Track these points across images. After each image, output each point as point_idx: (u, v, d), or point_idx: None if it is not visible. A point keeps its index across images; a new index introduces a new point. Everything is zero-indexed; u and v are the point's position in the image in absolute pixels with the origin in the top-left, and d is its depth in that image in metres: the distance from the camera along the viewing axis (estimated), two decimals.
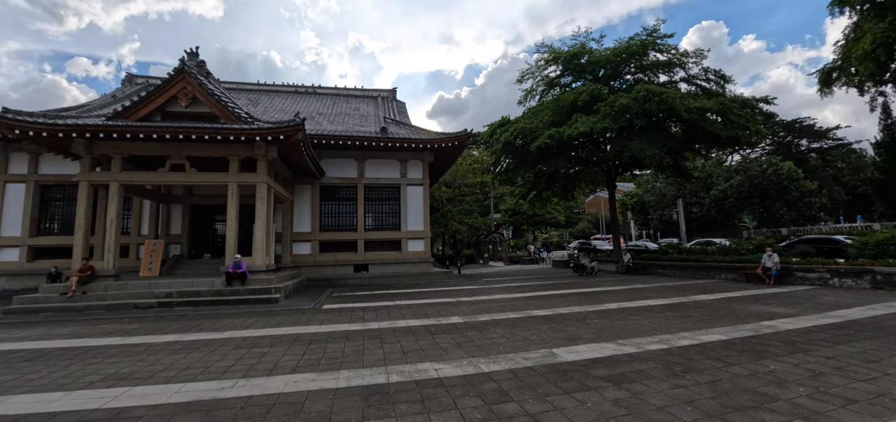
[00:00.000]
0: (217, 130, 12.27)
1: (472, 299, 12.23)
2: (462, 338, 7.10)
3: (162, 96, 14.11)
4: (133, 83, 23.76)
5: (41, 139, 12.18)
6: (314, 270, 18.50)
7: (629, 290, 13.78)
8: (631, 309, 9.90)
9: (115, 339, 7.65)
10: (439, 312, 9.99)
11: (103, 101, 20.56)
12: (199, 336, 7.64)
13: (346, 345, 6.69)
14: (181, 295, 12.14)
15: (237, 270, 12.68)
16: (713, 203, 37.47)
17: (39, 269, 17.07)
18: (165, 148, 13.09)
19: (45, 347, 7.16)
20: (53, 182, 17.99)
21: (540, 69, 24.36)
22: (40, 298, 12.03)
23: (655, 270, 20.21)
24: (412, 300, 12.22)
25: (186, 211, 18.36)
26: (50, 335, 8.24)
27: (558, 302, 11.19)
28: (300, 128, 12.79)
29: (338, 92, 27.43)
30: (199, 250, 18.59)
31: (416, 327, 8.19)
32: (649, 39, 20.59)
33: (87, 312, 11.35)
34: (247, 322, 9.04)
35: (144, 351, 6.59)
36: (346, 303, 11.97)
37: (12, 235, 17.26)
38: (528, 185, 26.40)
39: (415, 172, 20.70)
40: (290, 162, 16.01)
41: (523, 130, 19.05)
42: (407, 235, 19.91)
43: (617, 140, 17.67)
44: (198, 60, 14.84)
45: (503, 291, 14.15)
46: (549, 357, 5.83)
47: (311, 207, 19.14)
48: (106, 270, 12.81)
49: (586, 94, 18.38)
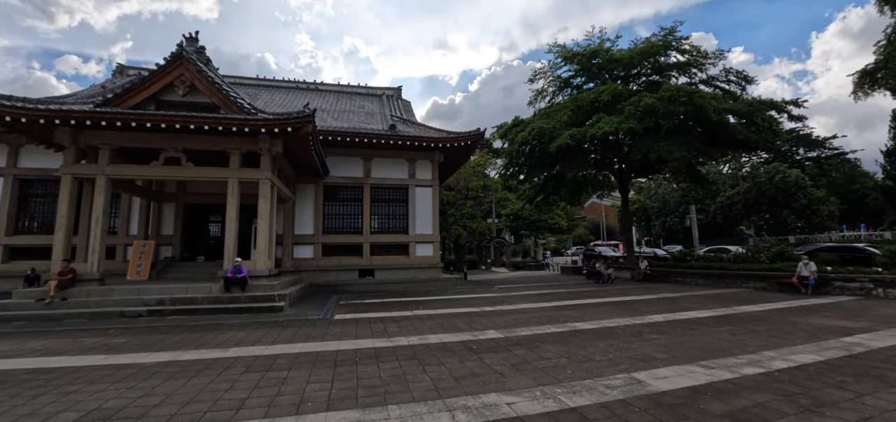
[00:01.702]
0: (219, 120, 11.09)
1: (498, 309, 11.16)
2: (514, 358, 6.03)
3: (157, 83, 12.88)
4: (124, 75, 22.35)
5: (20, 126, 10.90)
6: (317, 275, 17.27)
7: (661, 299, 12.83)
8: (682, 322, 8.93)
9: (97, 357, 6.43)
10: (469, 324, 8.90)
11: (92, 92, 19.18)
12: (200, 354, 6.45)
13: (381, 368, 5.57)
14: (174, 302, 10.87)
15: (237, 275, 11.46)
16: (719, 210, 36.93)
17: (15, 271, 15.58)
18: (160, 139, 11.85)
19: (10, 367, 5.93)
20: (34, 176, 16.56)
21: (553, 69, 23.62)
22: (13, 304, 10.69)
23: (675, 277, 19.33)
24: (432, 310, 11.10)
25: (179, 210, 17.05)
26: (19, 351, 6.98)
27: (596, 313, 10.16)
28: (310, 119, 11.66)
29: (341, 89, 26.28)
30: (193, 252, 17.27)
31: (452, 343, 7.09)
32: (670, 39, 19.91)
33: (67, 320, 10.05)
34: (253, 336, 7.85)
35: (134, 375, 5.40)
36: (359, 312, 10.82)
37: None
38: (536, 188, 25.55)
39: (424, 173, 19.60)
40: (294, 158, 14.85)
41: (541, 130, 18.08)
42: (415, 239, 18.79)
43: (641, 141, 16.80)
44: (197, 46, 13.65)
45: (526, 300, 13.10)
46: (636, 385, 4.80)
47: (313, 208, 17.94)
48: (89, 273, 11.49)
49: (608, 94, 17.52)
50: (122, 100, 12.49)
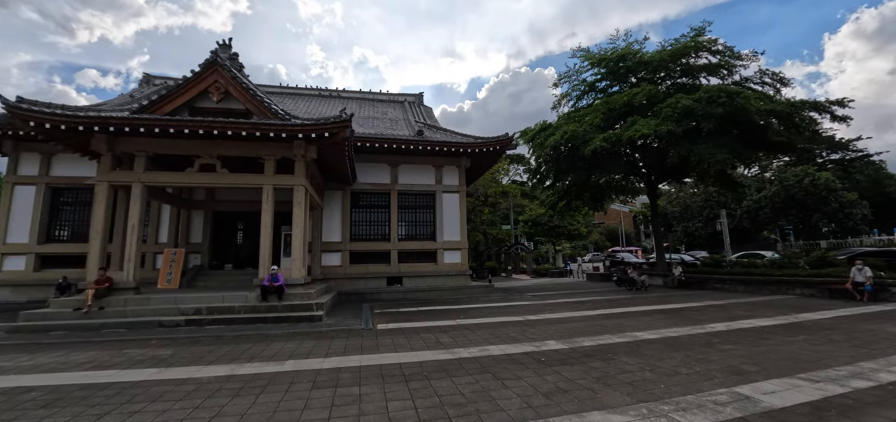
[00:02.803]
0: (257, 125, 10.90)
1: (544, 318, 10.70)
2: (594, 371, 5.60)
3: (192, 90, 12.78)
4: (151, 84, 22.54)
5: (60, 133, 10.82)
6: (345, 283, 16.98)
7: (710, 307, 12.25)
8: (749, 331, 8.40)
9: (149, 371, 6.15)
10: (523, 334, 8.47)
11: (121, 101, 19.30)
12: (256, 368, 6.13)
13: (456, 383, 5.18)
14: (212, 311, 10.64)
15: (274, 284, 11.19)
16: (745, 214, 35.93)
17: (48, 279, 15.55)
18: (195, 146, 11.70)
19: (62, 382, 5.66)
20: (66, 185, 16.60)
21: (577, 73, 23.22)
22: (51, 313, 10.53)
23: (712, 284, 18.63)
24: (474, 319, 10.68)
25: (208, 218, 16.94)
26: (66, 364, 6.74)
27: (650, 322, 9.65)
28: (347, 124, 11.42)
29: (363, 96, 26.17)
30: (221, 261, 17.12)
31: (516, 355, 6.68)
32: (701, 40, 19.42)
33: (105, 330, 9.86)
34: (302, 347, 7.53)
35: (195, 392, 5.09)
36: (400, 322, 10.45)
37: (19, 243, 15.80)
38: (559, 193, 25.07)
39: (451, 179, 19.28)
40: (325, 164, 14.62)
41: (573, 134, 17.65)
42: (443, 246, 18.42)
43: (679, 144, 16.26)
44: (230, 53, 13.56)
45: (567, 308, 12.60)
46: (746, 401, 4.37)
47: (341, 215, 17.70)
48: (125, 282, 11.32)
49: (643, 95, 17.05)
50: (157, 107, 12.40)
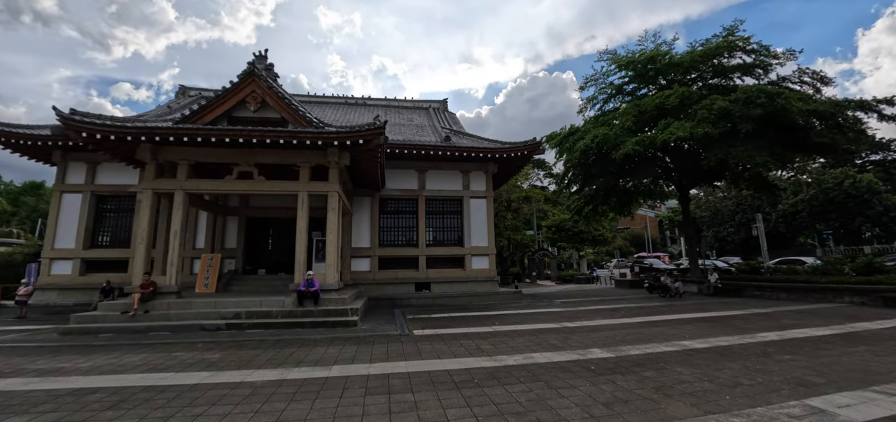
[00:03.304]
0: (294, 133, 11.12)
1: (582, 325, 10.48)
2: (650, 381, 5.41)
3: (230, 101, 13.18)
4: (186, 95, 23.37)
5: (108, 143, 11.30)
6: (374, 288, 17.08)
7: (755, 315, 11.76)
8: (805, 341, 8.01)
9: (201, 374, 6.29)
10: (565, 341, 8.30)
11: (159, 112, 20.07)
12: (305, 373, 6.19)
13: (510, 391, 5.10)
14: (250, 316, 10.85)
15: (310, 289, 11.35)
16: (781, 219, 34.55)
17: (92, 283, 16.22)
18: (234, 154, 12.03)
19: (123, 384, 5.85)
20: (109, 193, 17.30)
21: (604, 76, 22.90)
22: (99, 316, 10.96)
23: (750, 291, 17.94)
24: (510, 325, 10.55)
25: (242, 224, 17.36)
26: (122, 366, 6.97)
27: (694, 331, 9.31)
28: (381, 131, 11.53)
29: (388, 103, 26.46)
30: (254, 266, 17.49)
31: (563, 363, 6.54)
32: (734, 39, 18.87)
33: (151, 333, 10.17)
34: (345, 352, 7.57)
35: (252, 395, 5.17)
36: (435, 328, 10.41)
37: (66, 248, 16.54)
38: (585, 198, 24.70)
39: (478, 184, 19.22)
40: (357, 171, 14.79)
41: (604, 138, 17.35)
42: (471, 252, 18.33)
43: (716, 146, 15.78)
44: (267, 64, 13.93)
45: (602, 315, 12.30)
46: (821, 415, 4.23)
47: (369, 221, 17.85)
48: (168, 286, 11.69)
49: (676, 97, 16.63)
50: (197, 117, 12.82)
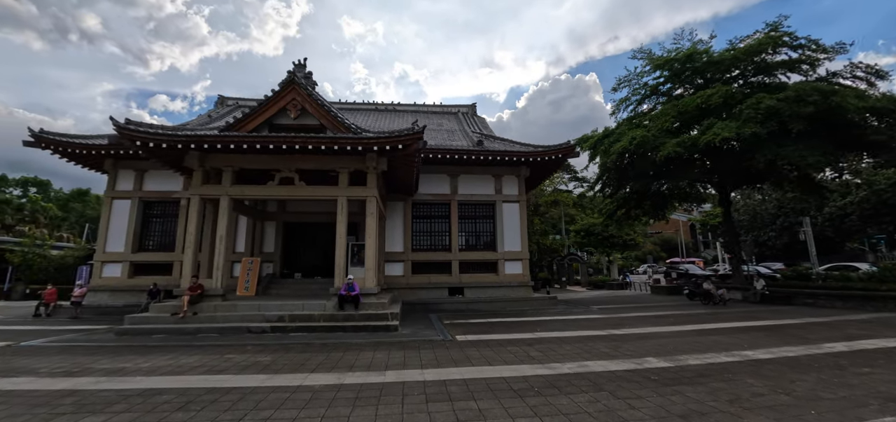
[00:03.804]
0: (335, 139, 11.29)
1: (628, 332, 10.13)
2: (722, 393, 5.13)
3: (271, 109, 13.54)
4: (224, 104, 24.21)
5: (160, 151, 11.77)
6: (407, 293, 17.11)
7: (813, 324, 11.10)
8: (881, 353, 7.50)
9: (259, 377, 6.39)
10: (616, 349, 8.04)
11: (200, 121, 20.84)
12: (360, 377, 6.19)
13: (576, 401, 4.93)
14: (293, 319, 11.03)
15: (350, 293, 11.45)
16: (828, 222, 32.70)
17: (139, 285, 16.93)
18: (277, 160, 12.33)
19: (187, 385, 6.00)
20: (155, 198, 18.05)
21: (638, 77, 22.33)
22: (151, 317, 11.38)
23: (801, 299, 16.98)
24: (554, 332, 10.32)
25: (279, 228, 17.77)
26: (181, 367, 7.17)
27: (750, 340, 8.84)
28: (420, 136, 11.57)
29: (417, 108, 26.64)
30: (291, 269, 17.84)
31: (622, 372, 6.31)
32: (778, 35, 18.04)
33: (201, 335, 10.47)
34: (393, 357, 7.56)
35: (313, 400, 5.20)
36: (475, 333, 10.29)
37: (117, 251, 17.34)
38: (618, 201, 24.08)
39: (510, 188, 19.04)
40: (391, 176, 14.89)
41: (643, 140, 16.88)
42: (504, 257, 18.14)
43: (765, 147, 15.08)
44: (305, 72, 14.23)
45: (648, 323, 11.87)
46: None
47: (403, 226, 17.94)
48: (214, 289, 12.05)
49: (719, 96, 16.00)
50: (241, 125, 13.21)
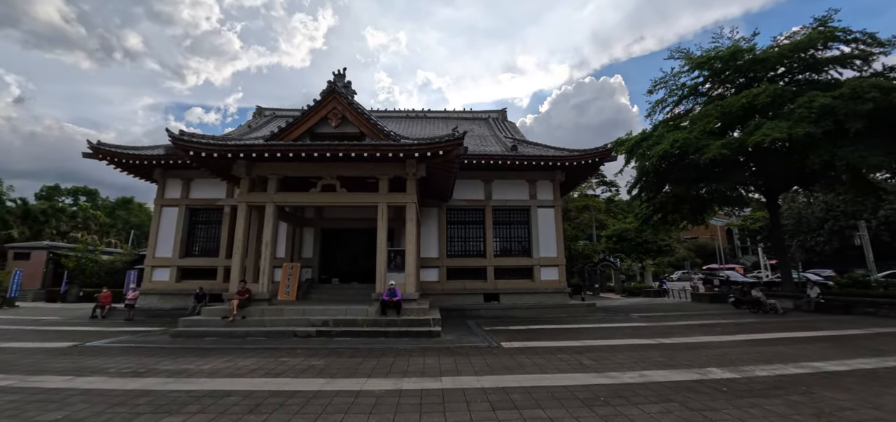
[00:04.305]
0: (377, 146, 11.49)
1: (679, 341, 9.78)
2: (803, 406, 4.84)
3: (313, 118, 13.93)
4: (262, 115, 25.08)
5: (210, 161, 12.26)
6: (442, 299, 17.11)
7: (882, 335, 10.43)
8: None
9: (318, 381, 6.50)
10: (671, 358, 7.76)
11: (241, 132, 21.64)
12: (417, 383, 6.21)
13: (647, 411, 4.76)
14: (338, 324, 11.22)
15: (392, 298, 11.56)
16: (883, 226, 30.70)
17: (185, 289, 17.63)
18: (319, 168, 12.63)
19: (250, 388, 6.16)
20: (200, 206, 18.81)
21: (675, 77, 21.72)
22: (203, 320, 11.81)
23: (861, 308, 15.92)
24: (600, 340, 10.07)
25: (317, 234, 18.17)
26: (238, 369, 7.39)
27: (817, 351, 8.33)
28: (460, 142, 11.61)
29: (447, 115, 26.80)
30: (329, 275, 18.19)
31: (687, 382, 6.07)
32: (827, 29, 17.18)
33: (249, 338, 10.78)
34: (443, 363, 7.55)
35: (379, 405, 5.23)
36: (520, 340, 10.17)
37: (166, 256, 18.13)
38: (655, 205, 23.40)
39: (545, 193, 18.81)
40: (428, 182, 14.96)
41: (685, 142, 16.37)
42: (539, 263, 17.90)
43: (820, 147, 14.33)
44: (345, 81, 14.57)
45: (698, 331, 11.41)
46: None
47: (437, 232, 17.99)
48: (261, 293, 12.41)
49: (766, 95, 15.34)
50: (285, 134, 13.63)
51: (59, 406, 5.47)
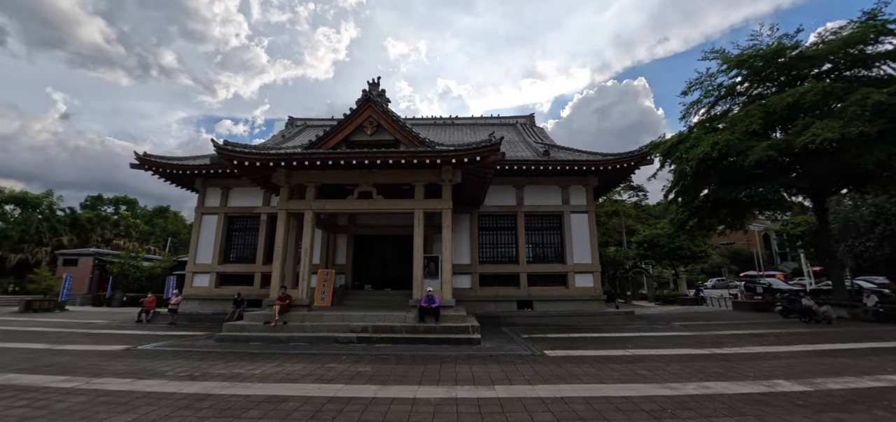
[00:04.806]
0: (415, 153, 11.56)
1: (732, 352, 9.34)
2: None
3: (350, 126, 14.17)
4: (294, 125, 25.72)
5: (253, 169, 12.62)
6: (475, 306, 16.97)
7: None
8: None
9: (371, 387, 6.52)
10: (729, 369, 7.40)
11: (275, 141, 22.23)
12: (470, 391, 6.14)
13: None
14: (377, 330, 11.27)
15: (430, 305, 11.54)
16: None
17: (224, 294, 18.14)
18: (356, 175, 12.81)
19: (308, 394, 6.22)
20: (237, 214, 19.38)
21: (711, 77, 21.06)
22: (246, 326, 12.07)
23: None
24: (647, 349, 9.74)
25: (350, 241, 18.40)
26: (289, 375, 7.49)
27: (885, 364, 7.81)
28: (497, 147, 11.57)
29: (475, 121, 26.80)
30: (361, 281, 18.38)
31: (756, 394, 5.76)
32: (879, 23, 16.31)
33: (292, 343, 10.95)
34: (492, 372, 7.45)
35: (438, 413, 5.18)
36: (563, 349, 9.95)
37: (205, 263, 18.74)
38: (692, 210, 22.63)
39: (578, 199, 18.49)
40: (461, 188, 14.93)
41: (726, 143, 15.79)
42: (573, 269, 17.55)
43: (875, 147, 13.57)
44: (379, 90, 14.77)
45: (749, 341, 10.86)
46: None
47: (469, 238, 17.93)
48: (300, 299, 12.63)
49: (814, 94, 14.66)
50: (322, 143, 13.91)
51: (126, 409, 5.66)
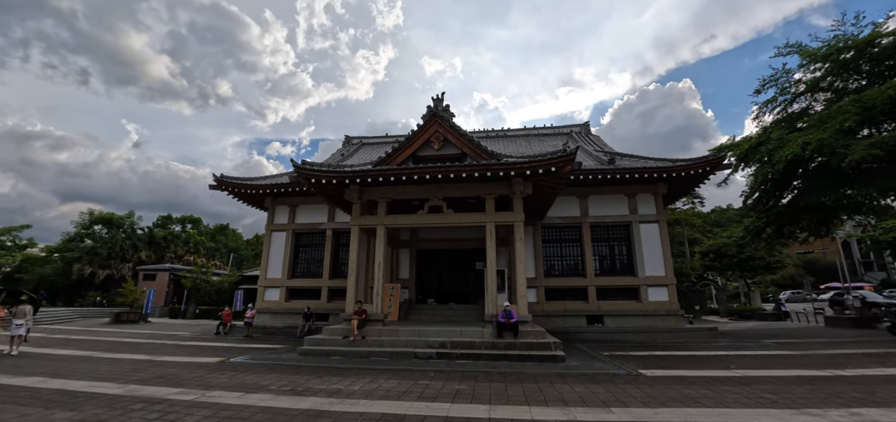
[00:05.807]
0: (488, 166, 11.51)
1: (858, 373, 8.34)
2: None
3: (417, 142, 14.41)
4: (350, 143, 26.61)
5: (328, 186, 13.07)
6: (542, 321, 16.40)
7: None
8: None
9: (479, 407, 6.36)
10: (872, 395, 6.59)
11: (335, 159, 23.05)
12: (584, 413, 5.83)
13: None
14: (455, 345, 11.15)
15: (508, 320, 11.30)
16: None
17: (292, 308, 18.83)
18: (426, 190, 12.93)
19: (419, 412, 6.15)
20: (303, 230, 20.18)
21: (787, 74, 19.60)
22: (326, 340, 12.34)
23: None
24: (753, 370, 8.93)
25: (413, 256, 18.58)
26: (389, 392, 7.48)
27: None
28: (572, 157, 11.26)
29: (528, 132, 26.50)
30: (424, 295, 18.46)
31: None
32: None
33: (373, 358, 11.05)
34: (596, 392, 7.09)
35: None
36: (657, 368, 9.35)
37: (275, 278, 19.60)
38: (769, 217, 21.00)
39: (646, 208, 17.65)
40: (527, 200, 14.69)
41: (819, 143, 14.53)
42: (646, 282, 16.68)
43: None
44: (444, 105, 14.94)
45: (865, 362, 9.69)
46: None
47: (533, 251, 17.54)
48: (375, 314, 12.81)
49: None
50: (391, 159, 14.20)
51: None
